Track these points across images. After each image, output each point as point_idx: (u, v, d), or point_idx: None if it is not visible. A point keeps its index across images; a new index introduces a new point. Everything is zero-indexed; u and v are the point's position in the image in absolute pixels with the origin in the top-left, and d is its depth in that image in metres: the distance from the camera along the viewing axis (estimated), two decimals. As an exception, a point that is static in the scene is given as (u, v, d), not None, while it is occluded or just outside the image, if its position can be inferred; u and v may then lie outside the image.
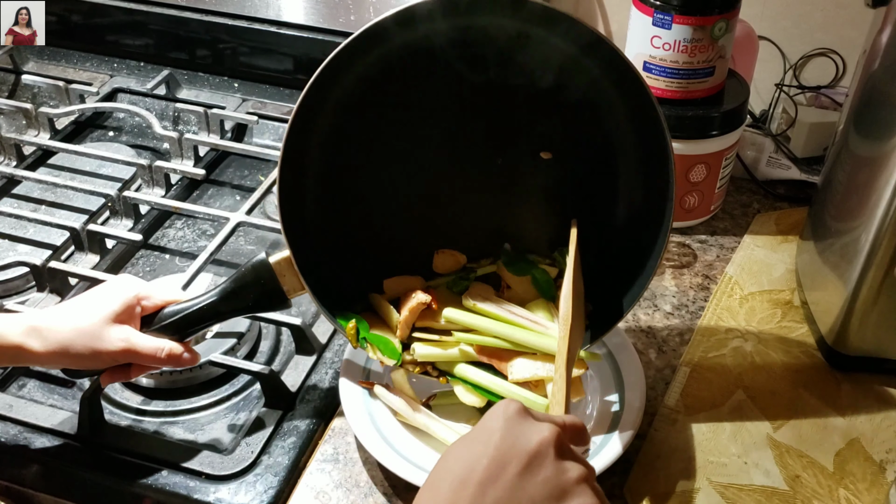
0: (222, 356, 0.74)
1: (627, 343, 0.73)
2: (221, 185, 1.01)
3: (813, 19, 1.00)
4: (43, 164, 1.02)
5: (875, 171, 0.68)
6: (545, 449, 0.45)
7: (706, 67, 0.83)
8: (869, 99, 0.71)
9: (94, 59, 1.20)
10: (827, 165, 0.80)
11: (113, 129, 1.11)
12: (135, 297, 0.64)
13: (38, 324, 0.61)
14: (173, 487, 0.66)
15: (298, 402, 0.73)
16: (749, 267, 0.87)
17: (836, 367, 0.76)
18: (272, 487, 0.66)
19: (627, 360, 0.72)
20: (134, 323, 0.64)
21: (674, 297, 0.84)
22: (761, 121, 1.05)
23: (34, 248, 0.89)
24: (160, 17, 1.14)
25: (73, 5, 1.18)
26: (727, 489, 0.66)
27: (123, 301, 0.63)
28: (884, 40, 0.68)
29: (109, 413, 0.73)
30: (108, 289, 0.65)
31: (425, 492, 0.46)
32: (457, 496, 0.44)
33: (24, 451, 0.69)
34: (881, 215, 0.67)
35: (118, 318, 0.63)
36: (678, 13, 0.80)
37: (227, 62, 1.15)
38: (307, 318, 0.80)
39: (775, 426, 0.71)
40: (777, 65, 1.03)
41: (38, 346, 0.61)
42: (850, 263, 0.71)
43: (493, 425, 0.46)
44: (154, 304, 0.66)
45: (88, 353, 0.62)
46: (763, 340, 0.79)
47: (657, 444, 0.69)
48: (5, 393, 0.74)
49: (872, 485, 0.66)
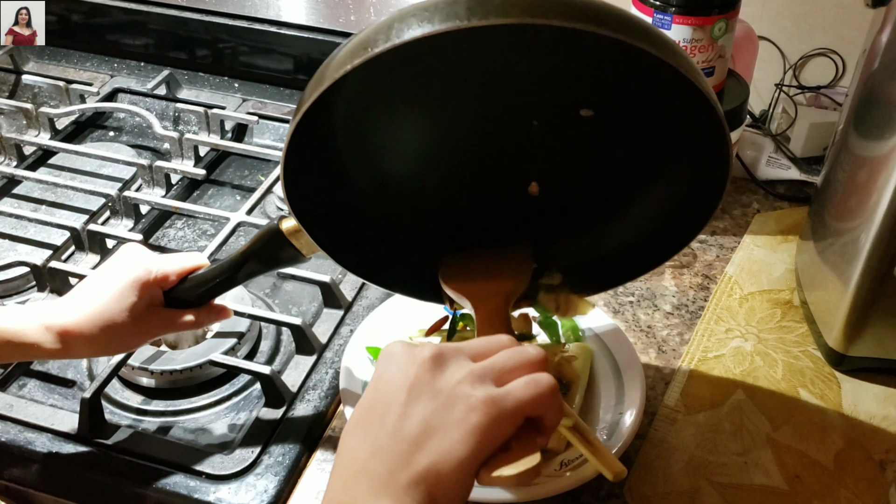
0: (222, 356, 0.74)
1: (627, 343, 0.73)
2: (222, 185, 1.01)
3: (813, 19, 0.99)
4: (43, 164, 1.02)
5: (875, 170, 0.68)
6: (423, 370, 0.45)
7: (706, 67, 0.83)
8: (869, 99, 0.71)
9: (94, 59, 1.20)
10: (827, 165, 0.80)
11: (113, 129, 1.11)
12: (153, 280, 0.64)
13: (70, 328, 0.61)
14: (173, 487, 0.66)
15: (299, 401, 0.73)
16: (749, 267, 0.87)
17: (836, 366, 0.76)
18: (272, 487, 0.66)
19: (627, 359, 0.72)
20: (157, 301, 0.65)
21: (673, 296, 0.84)
22: (761, 121, 1.05)
23: (34, 247, 0.89)
24: (160, 17, 1.14)
25: (73, 5, 1.18)
26: (727, 489, 0.66)
27: (142, 289, 0.63)
28: (883, 40, 0.68)
29: (110, 413, 0.73)
30: (123, 277, 0.63)
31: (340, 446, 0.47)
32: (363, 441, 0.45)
33: (24, 451, 0.69)
34: (881, 215, 0.67)
35: (142, 306, 0.63)
36: (678, 13, 0.80)
37: (228, 62, 1.15)
38: (307, 318, 0.80)
39: (775, 426, 0.71)
40: (777, 65, 1.03)
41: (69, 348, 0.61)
42: (849, 263, 0.71)
43: (377, 372, 0.47)
44: (172, 280, 0.65)
45: (123, 347, 0.66)
46: (763, 340, 0.79)
47: (657, 443, 0.69)
48: (5, 393, 0.74)
49: (872, 484, 0.66)
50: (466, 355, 0.47)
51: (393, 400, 0.45)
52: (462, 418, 0.43)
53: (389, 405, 0.45)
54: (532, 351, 0.47)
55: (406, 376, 0.45)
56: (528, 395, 0.45)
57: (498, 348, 0.48)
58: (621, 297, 0.83)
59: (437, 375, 0.45)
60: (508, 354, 0.47)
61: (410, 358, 0.46)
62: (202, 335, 0.78)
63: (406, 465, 0.43)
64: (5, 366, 0.75)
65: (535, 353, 0.47)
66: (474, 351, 0.47)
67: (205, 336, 0.78)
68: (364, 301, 0.83)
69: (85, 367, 0.77)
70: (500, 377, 0.46)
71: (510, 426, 0.44)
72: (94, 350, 0.63)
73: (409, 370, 0.45)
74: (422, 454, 0.43)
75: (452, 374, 0.45)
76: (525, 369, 0.46)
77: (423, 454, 0.43)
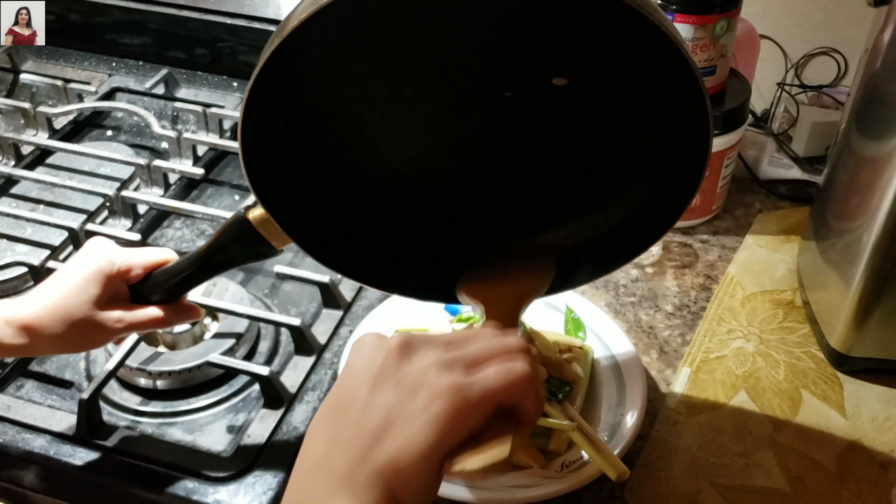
0: (221, 357, 0.74)
1: (628, 344, 0.73)
2: (220, 184, 1.00)
3: (814, 18, 0.99)
4: (41, 164, 1.02)
5: (877, 170, 0.67)
6: (389, 359, 0.43)
7: (707, 66, 0.83)
8: (871, 98, 0.71)
9: (92, 58, 1.20)
10: (829, 165, 0.80)
11: (111, 128, 1.10)
12: (116, 272, 0.62)
13: (30, 322, 0.59)
14: (172, 489, 0.66)
15: (298, 402, 0.72)
16: (751, 267, 0.87)
17: (839, 367, 0.76)
18: (271, 489, 0.66)
19: (628, 361, 0.72)
20: (122, 296, 0.63)
21: (675, 297, 0.83)
22: (763, 120, 1.04)
23: (32, 247, 0.89)
24: (159, 16, 1.14)
25: (72, 4, 1.17)
26: (728, 490, 0.65)
27: (105, 281, 0.61)
28: (886, 39, 0.67)
29: (108, 414, 0.72)
30: (85, 268, 0.61)
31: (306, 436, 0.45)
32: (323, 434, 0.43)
33: (21, 452, 0.69)
34: (884, 215, 0.67)
35: (105, 300, 0.61)
36: (679, 12, 0.80)
37: (226, 61, 1.14)
38: (307, 319, 0.80)
39: (777, 427, 0.70)
40: (779, 64, 1.03)
41: (31, 343, 0.60)
42: (852, 263, 0.71)
43: (347, 363, 0.45)
44: (138, 273, 0.63)
45: (86, 342, 0.63)
46: (765, 341, 0.78)
47: (659, 445, 0.69)
48: (3, 393, 0.74)
49: (875, 486, 0.66)
50: (439, 344, 0.44)
51: (357, 391, 0.43)
52: (424, 407, 0.41)
53: (353, 397, 0.43)
54: (511, 339, 0.45)
55: (372, 366, 0.43)
56: (497, 381, 0.42)
57: (478, 338, 0.45)
58: (623, 298, 0.83)
59: (404, 363, 0.43)
60: (485, 343, 0.44)
61: (378, 347, 0.44)
62: (200, 336, 0.78)
63: (365, 459, 0.41)
64: (3, 366, 0.75)
65: (514, 340, 0.44)
66: (449, 340, 0.45)
67: (203, 337, 0.77)
68: (363, 301, 0.82)
69: (83, 368, 0.77)
70: (472, 365, 0.43)
71: (478, 416, 0.41)
72: (57, 345, 0.61)
73: (376, 359, 0.43)
74: (381, 447, 0.41)
75: (419, 362, 0.43)
76: (501, 357, 0.43)
77: (383, 447, 0.41)
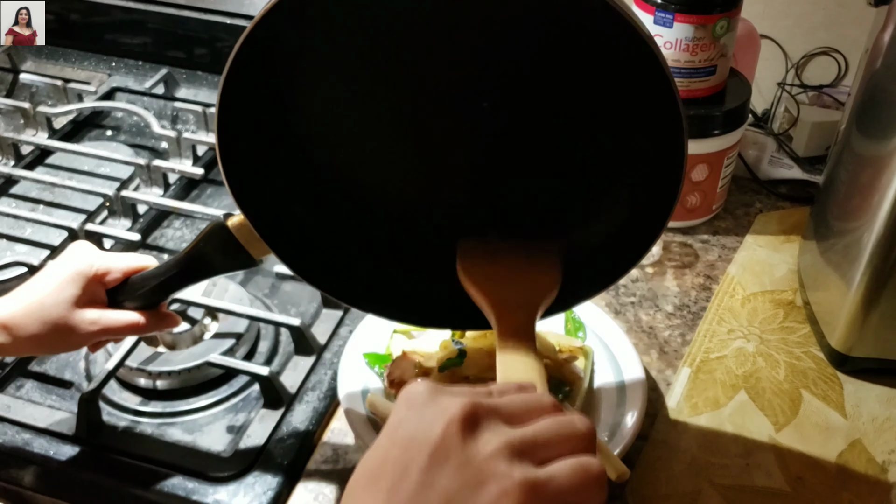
0: (220, 357, 0.74)
1: (628, 344, 0.73)
2: (220, 184, 1.00)
3: (815, 18, 0.99)
4: (41, 164, 1.02)
5: (878, 170, 0.67)
6: (452, 431, 0.38)
7: (708, 66, 0.83)
8: (871, 98, 0.71)
9: (92, 58, 1.20)
10: (829, 165, 0.79)
11: (111, 128, 1.10)
12: (94, 274, 0.62)
13: (6, 321, 0.60)
14: (172, 489, 0.66)
15: (297, 402, 0.72)
16: (751, 267, 0.87)
17: (839, 367, 0.75)
18: (271, 489, 0.66)
19: (628, 361, 0.72)
20: (100, 300, 0.63)
21: (675, 297, 0.83)
22: (763, 120, 1.04)
23: (32, 248, 0.88)
24: (158, 16, 1.14)
25: (72, 4, 1.17)
26: (728, 490, 0.65)
27: (82, 282, 0.62)
28: (886, 39, 0.67)
29: (108, 414, 0.72)
30: (63, 269, 0.62)
31: (345, 499, 0.40)
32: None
33: (21, 452, 0.69)
34: (884, 215, 0.67)
35: (83, 301, 0.61)
36: (679, 12, 0.80)
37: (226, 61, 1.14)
38: (306, 319, 0.80)
39: (777, 427, 0.70)
40: (779, 64, 1.03)
41: (8, 342, 0.60)
42: (852, 264, 0.71)
43: (396, 418, 0.40)
44: (116, 277, 0.64)
45: (62, 344, 0.63)
46: (765, 341, 0.78)
47: (659, 445, 0.69)
48: (3, 393, 0.74)
49: (875, 486, 0.66)
50: (502, 417, 0.40)
51: (412, 461, 0.38)
52: (493, 502, 0.37)
53: (407, 467, 0.38)
54: (579, 423, 0.41)
55: (430, 434, 0.38)
56: (573, 482, 0.38)
57: (539, 411, 0.41)
58: (622, 298, 0.83)
59: (469, 441, 0.38)
60: (552, 425, 0.40)
61: (438, 411, 0.39)
62: (200, 336, 0.78)
63: None
64: (3, 366, 0.75)
65: (583, 425, 0.40)
66: (511, 411, 0.40)
67: (203, 337, 0.77)
68: (363, 301, 0.82)
69: (83, 368, 0.77)
70: (540, 452, 0.39)
71: None
72: (34, 345, 0.61)
73: (435, 427, 0.38)
74: None
75: (487, 443, 0.38)
76: (570, 445, 0.39)
77: None
